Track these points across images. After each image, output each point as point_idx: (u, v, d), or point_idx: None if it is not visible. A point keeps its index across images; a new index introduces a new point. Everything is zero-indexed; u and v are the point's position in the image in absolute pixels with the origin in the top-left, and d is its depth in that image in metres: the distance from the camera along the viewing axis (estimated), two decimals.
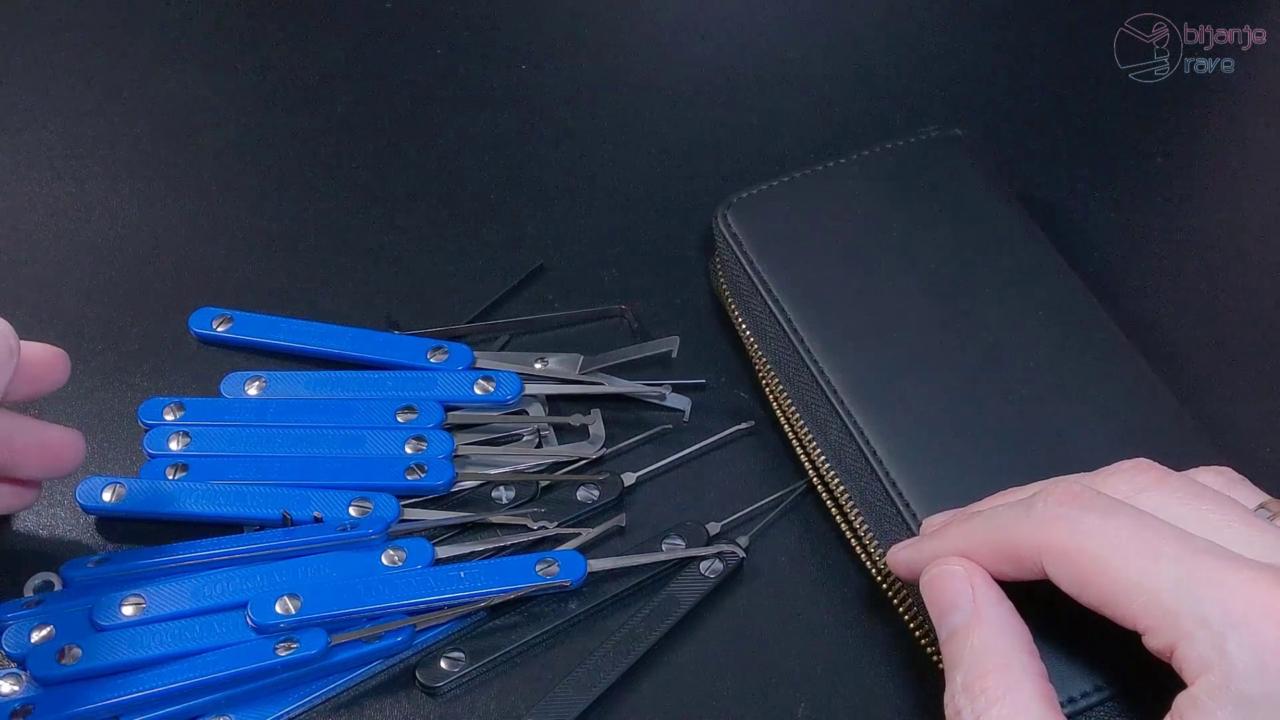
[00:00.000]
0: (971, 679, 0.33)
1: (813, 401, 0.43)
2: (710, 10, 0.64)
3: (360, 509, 0.42)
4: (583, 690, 0.40)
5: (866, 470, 0.41)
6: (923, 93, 0.60)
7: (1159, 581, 0.31)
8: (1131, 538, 0.31)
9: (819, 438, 0.43)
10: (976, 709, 0.32)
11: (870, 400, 0.42)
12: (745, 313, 0.47)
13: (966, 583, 0.35)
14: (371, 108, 0.58)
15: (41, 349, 0.40)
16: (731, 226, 0.47)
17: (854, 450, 0.42)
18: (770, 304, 0.45)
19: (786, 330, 0.44)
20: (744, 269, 0.46)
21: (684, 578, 0.42)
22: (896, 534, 0.40)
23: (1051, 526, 0.33)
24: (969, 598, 0.34)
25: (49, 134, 0.56)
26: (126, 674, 0.38)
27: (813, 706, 0.40)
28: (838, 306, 0.45)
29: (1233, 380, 0.50)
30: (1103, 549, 0.32)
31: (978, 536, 0.35)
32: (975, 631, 0.34)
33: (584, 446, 0.46)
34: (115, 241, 0.52)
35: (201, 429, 0.45)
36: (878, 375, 0.43)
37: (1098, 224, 0.55)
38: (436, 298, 0.51)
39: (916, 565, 0.37)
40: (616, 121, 0.58)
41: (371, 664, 0.40)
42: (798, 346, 0.44)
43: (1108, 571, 0.32)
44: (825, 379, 0.43)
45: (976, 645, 0.33)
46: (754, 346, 0.46)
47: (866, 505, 0.41)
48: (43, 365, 0.40)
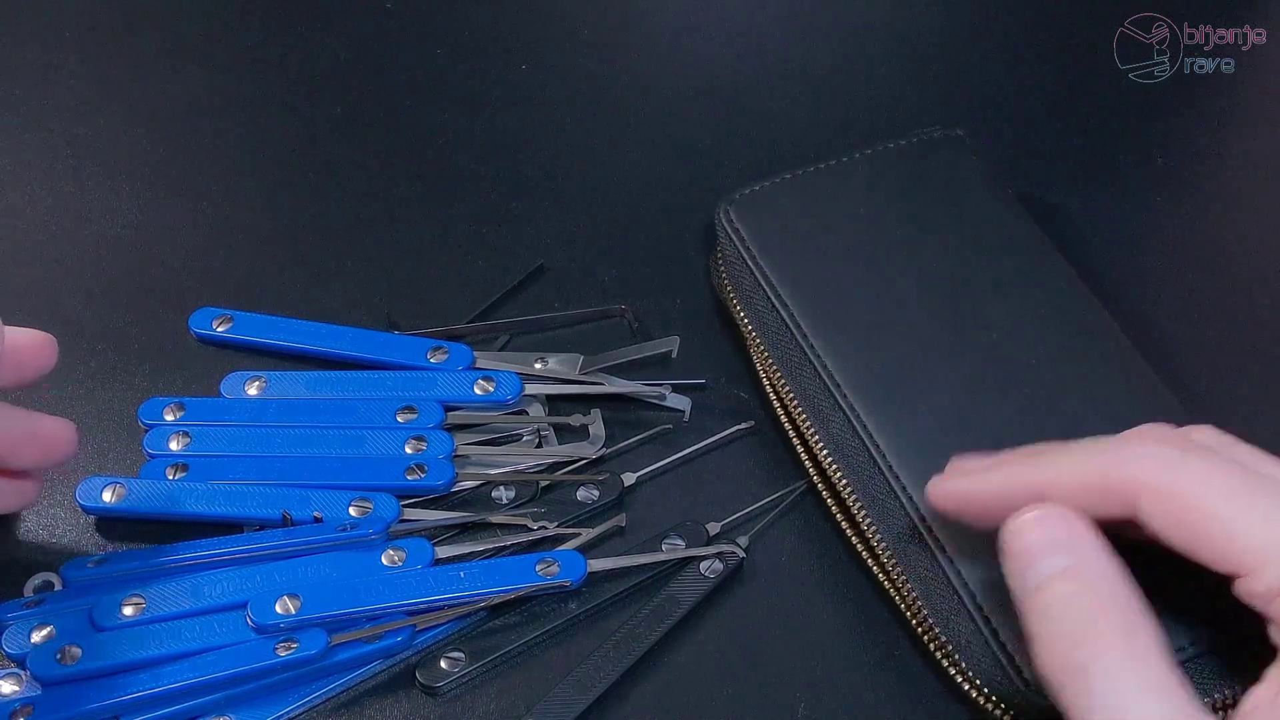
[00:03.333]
0: (1068, 641, 0.30)
1: (815, 395, 0.44)
2: (710, 10, 0.64)
3: (360, 509, 0.42)
4: (583, 690, 0.40)
5: (869, 463, 0.41)
6: (921, 93, 0.60)
7: (1267, 527, 0.30)
8: (1236, 482, 0.31)
9: (821, 432, 0.43)
10: (1091, 666, 0.30)
11: (872, 394, 0.42)
12: (747, 308, 0.47)
13: (1067, 526, 0.32)
14: (371, 108, 0.58)
15: (26, 334, 0.39)
16: (734, 222, 0.48)
17: (856, 444, 0.42)
18: (773, 298, 0.45)
19: (789, 324, 0.45)
20: (746, 264, 0.46)
21: (684, 578, 0.42)
22: (900, 527, 0.40)
23: (1151, 464, 0.32)
24: (1074, 539, 0.32)
25: (49, 134, 0.56)
26: (126, 674, 0.38)
27: (813, 706, 0.40)
28: (840, 301, 0.45)
29: (1231, 379, 0.50)
30: (1207, 490, 0.31)
31: (1065, 469, 0.34)
32: (1075, 578, 0.31)
33: (584, 446, 0.46)
34: (115, 241, 0.52)
35: (201, 429, 0.45)
36: (880, 369, 0.43)
37: (1097, 224, 0.55)
38: (436, 298, 0.51)
39: (973, 496, 0.35)
40: (616, 121, 0.59)
41: (371, 664, 0.40)
42: (800, 340, 0.44)
43: (1211, 512, 0.31)
44: (828, 372, 0.43)
45: (1084, 594, 0.31)
46: (756, 342, 0.46)
47: (869, 499, 0.42)
48: (29, 351, 0.40)
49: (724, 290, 0.49)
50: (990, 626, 0.37)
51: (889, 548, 0.41)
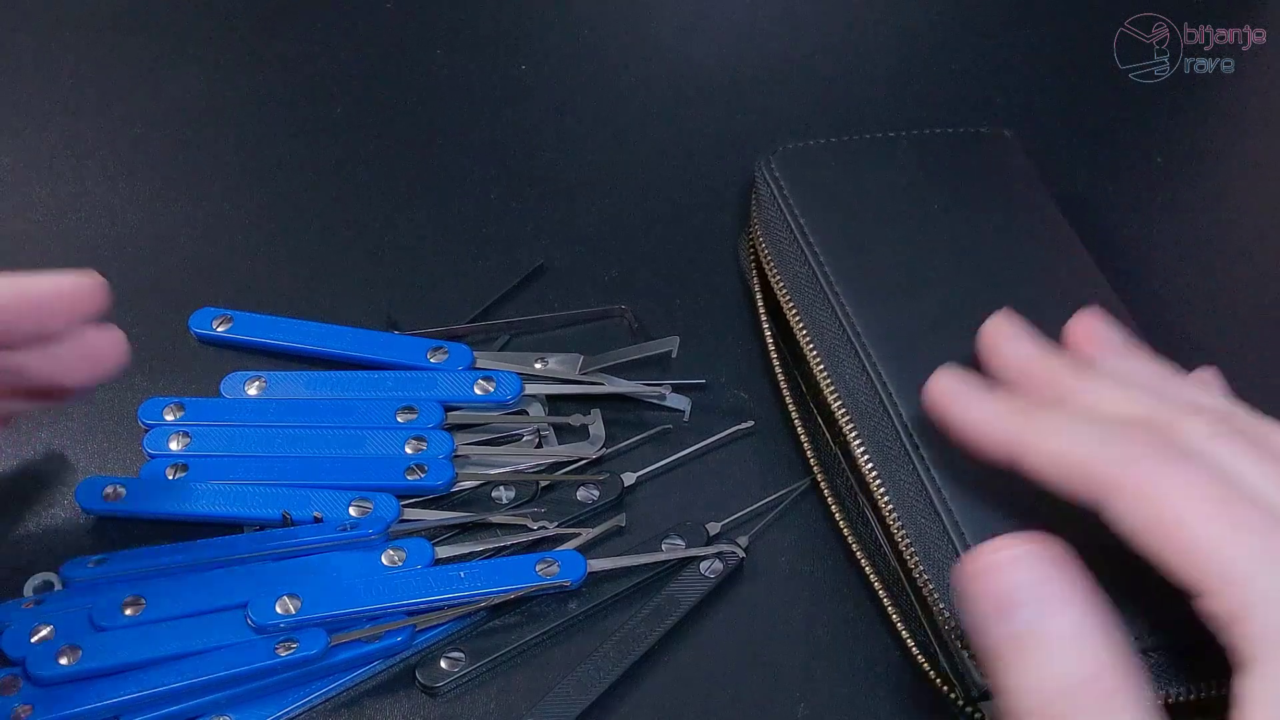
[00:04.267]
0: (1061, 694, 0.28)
1: (834, 343, 0.44)
2: (710, 10, 0.64)
3: (360, 509, 0.42)
4: (583, 690, 0.40)
5: (879, 410, 0.41)
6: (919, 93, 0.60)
7: (1233, 549, 0.30)
8: (1216, 499, 0.30)
9: (839, 385, 0.43)
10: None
11: (890, 345, 0.42)
12: (777, 258, 0.47)
13: (1043, 568, 0.29)
14: (371, 108, 0.58)
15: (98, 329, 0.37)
16: (775, 172, 0.48)
17: (869, 390, 0.42)
18: (804, 246, 0.46)
19: (817, 273, 0.45)
20: (781, 212, 0.47)
21: (684, 578, 0.42)
22: (906, 479, 0.40)
23: (1133, 467, 0.31)
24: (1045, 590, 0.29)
25: (49, 134, 0.56)
26: (126, 674, 0.38)
27: (813, 706, 0.40)
28: (870, 259, 0.45)
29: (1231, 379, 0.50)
30: (1184, 502, 0.31)
31: (1051, 442, 0.33)
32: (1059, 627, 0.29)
33: (584, 446, 0.46)
34: (115, 241, 0.52)
35: (201, 429, 0.45)
36: (900, 325, 0.43)
37: (1096, 223, 0.55)
38: (436, 298, 0.51)
39: (955, 412, 0.36)
40: (616, 121, 0.59)
41: (371, 664, 0.40)
42: (825, 288, 0.44)
43: (1183, 526, 0.30)
44: (849, 319, 0.43)
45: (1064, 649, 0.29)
46: (783, 292, 0.47)
47: (878, 447, 0.41)
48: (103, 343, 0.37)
49: (758, 242, 0.49)
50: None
51: (895, 508, 0.40)
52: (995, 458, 0.35)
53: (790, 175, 0.48)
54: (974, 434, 0.36)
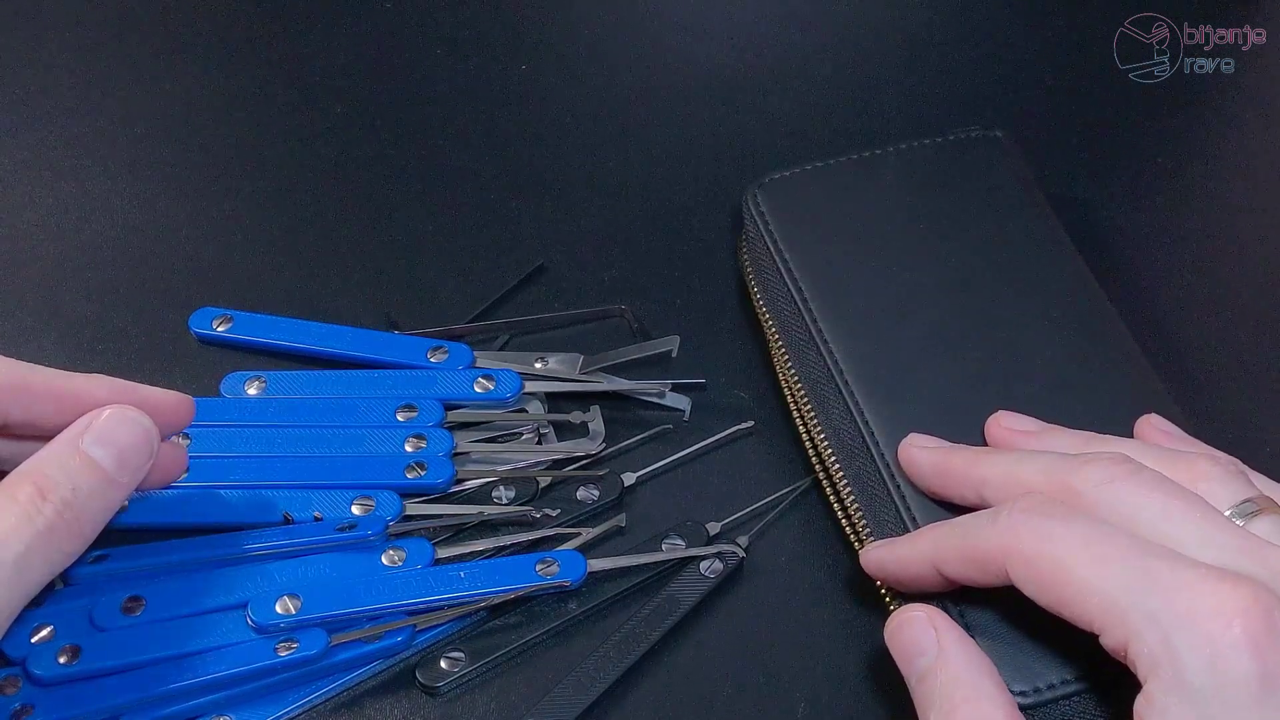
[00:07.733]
0: (944, 714, 0.34)
1: (819, 382, 0.44)
2: (711, 10, 0.64)
3: (363, 507, 0.42)
4: (583, 690, 0.40)
5: (863, 451, 0.41)
6: (919, 93, 0.60)
7: (1111, 583, 0.32)
8: (1087, 542, 0.33)
9: (822, 418, 0.44)
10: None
11: (874, 382, 0.43)
12: (764, 291, 0.48)
13: (929, 626, 0.36)
14: (371, 108, 0.58)
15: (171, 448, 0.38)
16: (760, 205, 0.48)
17: (853, 429, 0.42)
18: (788, 282, 0.46)
19: (800, 308, 0.45)
20: (767, 247, 0.47)
21: (684, 578, 0.42)
22: (888, 517, 0.40)
23: (1014, 533, 0.34)
24: (933, 639, 0.35)
25: (49, 134, 0.56)
26: (126, 674, 0.38)
27: (813, 706, 0.40)
28: (854, 289, 0.45)
29: (1230, 378, 0.50)
30: (1061, 553, 0.33)
31: (948, 543, 0.37)
32: (943, 670, 0.35)
33: (584, 443, 0.46)
34: (115, 241, 0.52)
35: (201, 429, 0.45)
36: (884, 358, 0.43)
37: (1095, 223, 0.55)
38: (436, 298, 0.51)
39: (888, 566, 0.39)
40: (616, 121, 0.59)
41: (371, 664, 0.40)
42: (809, 324, 0.44)
43: (1065, 574, 0.33)
44: (832, 358, 0.43)
45: (945, 682, 0.34)
46: (770, 326, 0.47)
47: (861, 487, 0.42)
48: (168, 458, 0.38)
49: (745, 273, 0.49)
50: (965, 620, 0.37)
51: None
52: (929, 586, 0.38)
53: (775, 208, 0.48)
54: (906, 574, 0.38)
